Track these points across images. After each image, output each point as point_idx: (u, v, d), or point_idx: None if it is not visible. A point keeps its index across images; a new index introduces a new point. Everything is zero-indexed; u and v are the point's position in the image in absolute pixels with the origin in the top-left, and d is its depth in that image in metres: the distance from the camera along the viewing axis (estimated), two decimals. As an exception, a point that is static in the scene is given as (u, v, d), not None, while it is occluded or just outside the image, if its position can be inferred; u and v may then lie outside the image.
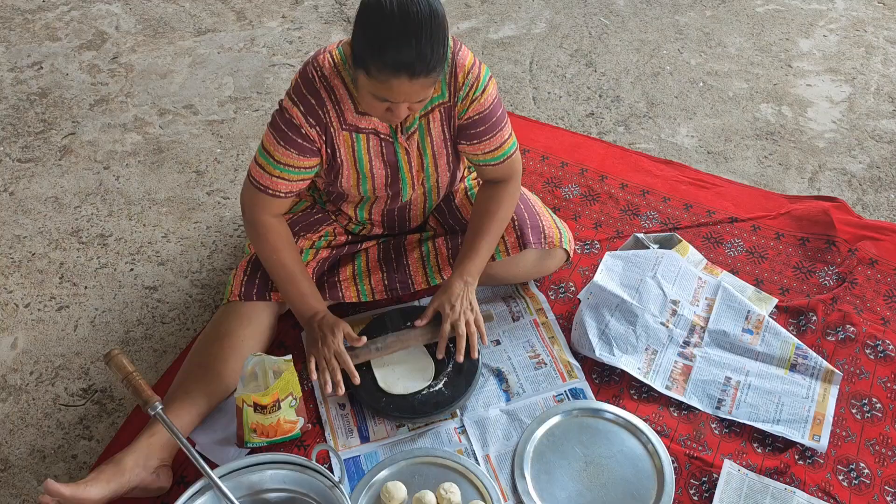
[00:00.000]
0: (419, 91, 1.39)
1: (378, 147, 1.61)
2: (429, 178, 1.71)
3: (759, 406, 1.64)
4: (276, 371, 1.55)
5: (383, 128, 1.59)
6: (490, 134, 1.63)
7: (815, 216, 2.05)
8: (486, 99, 1.59)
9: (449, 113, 1.61)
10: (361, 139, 1.59)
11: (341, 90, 1.52)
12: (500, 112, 1.64)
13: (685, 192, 2.17)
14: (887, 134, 2.41)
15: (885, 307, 1.86)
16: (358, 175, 1.65)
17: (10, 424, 1.72)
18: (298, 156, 1.57)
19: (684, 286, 1.83)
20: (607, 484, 1.54)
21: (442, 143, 1.65)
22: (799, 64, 2.72)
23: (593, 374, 1.73)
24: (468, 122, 1.61)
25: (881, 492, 1.52)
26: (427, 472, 1.56)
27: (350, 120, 1.56)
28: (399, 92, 1.38)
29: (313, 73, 1.52)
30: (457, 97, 1.57)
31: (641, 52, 2.79)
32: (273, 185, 1.60)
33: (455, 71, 1.55)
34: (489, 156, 1.66)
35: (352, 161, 1.62)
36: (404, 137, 1.61)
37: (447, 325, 1.62)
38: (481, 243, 1.67)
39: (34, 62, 2.80)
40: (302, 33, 2.93)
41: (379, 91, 1.39)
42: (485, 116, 1.60)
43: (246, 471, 1.46)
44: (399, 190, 1.70)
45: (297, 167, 1.59)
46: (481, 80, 1.58)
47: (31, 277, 2.04)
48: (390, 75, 1.34)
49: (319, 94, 1.52)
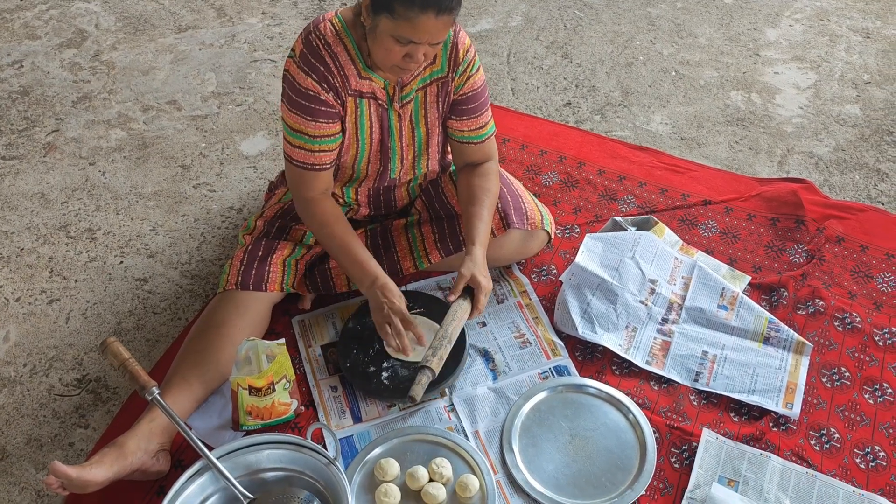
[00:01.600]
0: (441, 30, 1.46)
1: (377, 112, 1.68)
2: (419, 157, 1.77)
3: (734, 378, 1.72)
4: (269, 355, 1.59)
5: (381, 94, 1.65)
6: (478, 112, 1.74)
7: (784, 197, 2.13)
8: (479, 78, 1.71)
9: (445, 88, 1.69)
10: (364, 104, 1.66)
11: (344, 56, 1.58)
12: (487, 95, 1.76)
13: (660, 177, 2.24)
14: (851, 118, 2.50)
15: (852, 282, 1.94)
16: (357, 144, 1.71)
17: (5, 415, 1.75)
18: (328, 123, 1.62)
19: (662, 266, 1.90)
20: (592, 455, 1.61)
21: (435, 119, 1.73)
22: (767, 53, 2.81)
23: (576, 352, 1.79)
24: (461, 98, 1.71)
25: (851, 454, 1.60)
26: (419, 449, 1.61)
27: (354, 85, 1.62)
28: (424, 30, 1.44)
29: (317, 41, 1.57)
30: (454, 72, 1.67)
31: (615, 43, 2.87)
32: (318, 161, 1.65)
33: (456, 48, 1.65)
34: (474, 133, 1.76)
35: (353, 128, 1.68)
36: (399, 105, 1.68)
37: (483, 296, 1.66)
38: (484, 212, 1.72)
39: (14, 61, 2.81)
40: (282, 29, 2.96)
41: (403, 31, 1.44)
42: (476, 94, 1.71)
43: (243, 451, 1.49)
44: (388, 162, 1.76)
45: (331, 134, 1.64)
46: (476, 61, 1.69)
47: (20, 272, 2.06)
48: (419, 12, 1.41)
49: (325, 61, 1.57)
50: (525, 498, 1.54)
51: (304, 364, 1.78)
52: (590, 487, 1.55)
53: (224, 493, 1.47)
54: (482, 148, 1.79)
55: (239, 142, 2.46)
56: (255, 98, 2.63)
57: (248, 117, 2.55)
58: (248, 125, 2.52)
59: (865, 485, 1.54)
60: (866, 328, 1.82)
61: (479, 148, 1.78)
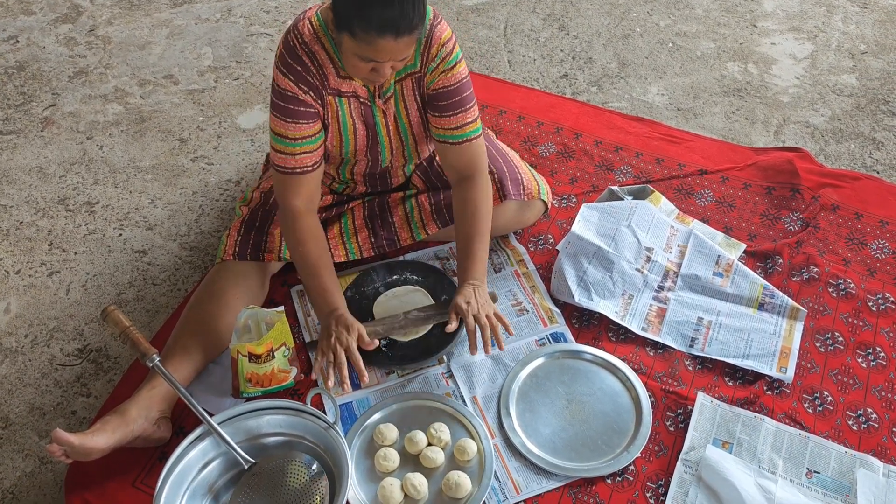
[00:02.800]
0: (403, 49, 1.43)
1: (359, 110, 1.66)
2: (407, 146, 1.76)
3: (729, 343, 1.74)
4: (268, 323, 1.60)
5: (362, 91, 1.63)
6: (453, 111, 1.65)
7: (780, 166, 2.14)
8: (453, 75, 1.62)
9: (420, 83, 1.65)
10: (344, 103, 1.63)
11: (322, 55, 1.56)
12: (467, 95, 1.66)
13: (656, 148, 2.25)
14: (847, 88, 2.51)
15: (846, 249, 1.96)
16: (341, 137, 1.69)
17: (8, 385, 1.77)
18: (307, 124, 1.59)
19: (657, 234, 1.91)
20: (588, 419, 1.63)
21: (416, 110, 1.70)
22: (763, 23, 2.80)
23: (573, 319, 1.81)
24: (434, 94, 1.64)
25: (843, 416, 1.62)
26: (417, 414, 1.63)
27: (333, 84, 1.60)
28: (384, 51, 1.41)
29: (294, 40, 1.55)
30: (427, 67, 1.61)
31: (612, 14, 2.86)
32: (300, 163, 1.61)
33: (430, 42, 1.58)
34: (450, 132, 1.67)
35: (336, 125, 1.66)
36: (381, 101, 1.65)
37: (470, 319, 1.61)
38: (475, 246, 1.68)
39: (10, 36, 2.80)
40: (278, 3, 2.95)
41: (364, 52, 1.42)
42: (450, 91, 1.64)
43: (243, 417, 1.51)
44: (378, 154, 1.75)
45: (312, 135, 1.61)
46: (453, 56, 1.61)
47: (20, 245, 2.07)
48: (376, 35, 1.37)
49: (303, 61, 1.55)
50: (522, 461, 1.56)
51: (303, 333, 1.79)
52: (586, 450, 1.57)
53: (225, 458, 1.49)
54: (462, 151, 1.69)
55: (236, 115, 2.46)
56: (252, 72, 2.62)
57: (244, 91, 2.55)
58: (245, 99, 2.52)
59: (857, 446, 1.57)
60: (860, 294, 1.83)
61: (458, 150, 1.69)
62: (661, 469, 1.54)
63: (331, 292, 1.63)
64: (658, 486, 1.52)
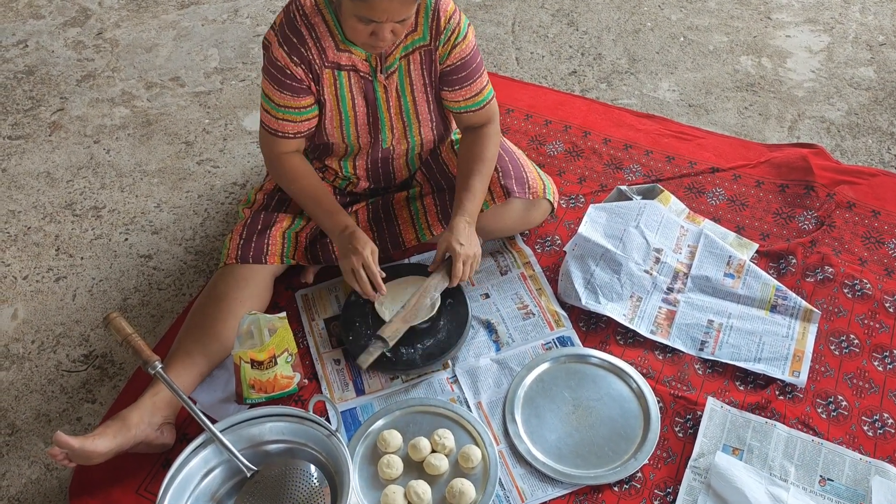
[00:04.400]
0: (400, 8, 1.43)
1: (359, 85, 1.65)
2: (410, 127, 1.74)
3: (740, 346, 1.70)
4: (271, 329, 1.59)
5: (363, 66, 1.62)
6: (471, 80, 1.69)
7: (793, 163, 2.09)
8: (466, 45, 1.65)
9: (430, 57, 1.65)
10: (343, 77, 1.63)
11: (322, 27, 1.56)
12: (479, 59, 1.71)
13: (667, 145, 2.20)
14: (865, 81, 2.44)
15: (863, 248, 1.91)
16: (341, 116, 1.69)
17: (14, 391, 1.77)
18: (293, 97, 1.63)
19: (667, 235, 1.88)
20: (595, 424, 1.60)
21: (422, 87, 1.69)
22: (778, 16, 2.74)
23: (580, 322, 1.78)
24: (450, 68, 1.67)
25: (859, 422, 1.58)
26: (421, 421, 1.61)
27: (332, 57, 1.60)
28: (381, 10, 1.41)
29: (294, 11, 1.56)
30: (438, 41, 1.62)
31: (622, 9, 2.81)
32: (281, 128, 1.67)
33: (437, 15, 1.59)
34: (471, 101, 1.72)
35: (334, 101, 1.66)
36: (384, 76, 1.65)
37: (460, 263, 1.67)
38: (474, 183, 1.71)
39: (19, 41, 2.81)
40: (284, 2, 2.93)
41: (361, 11, 1.42)
42: (466, 62, 1.67)
43: (246, 424, 1.50)
44: (378, 133, 1.74)
45: (296, 107, 1.64)
46: (462, 27, 1.63)
47: (27, 250, 2.08)
48: None
49: (300, 32, 1.55)
50: (527, 467, 1.54)
51: (307, 338, 1.78)
52: (593, 456, 1.54)
53: (228, 466, 1.49)
54: (480, 114, 1.76)
55: (242, 117, 2.45)
56: (258, 73, 2.61)
57: (250, 92, 2.54)
58: (251, 100, 2.51)
59: (873, 452, 1.53)
60: (876, 295, 1.78)
61: (476, 115, 1.76)
62: (669, 476, 1.51)
63: (336, 213, 1.71)
64: (666, 493, 1.49)
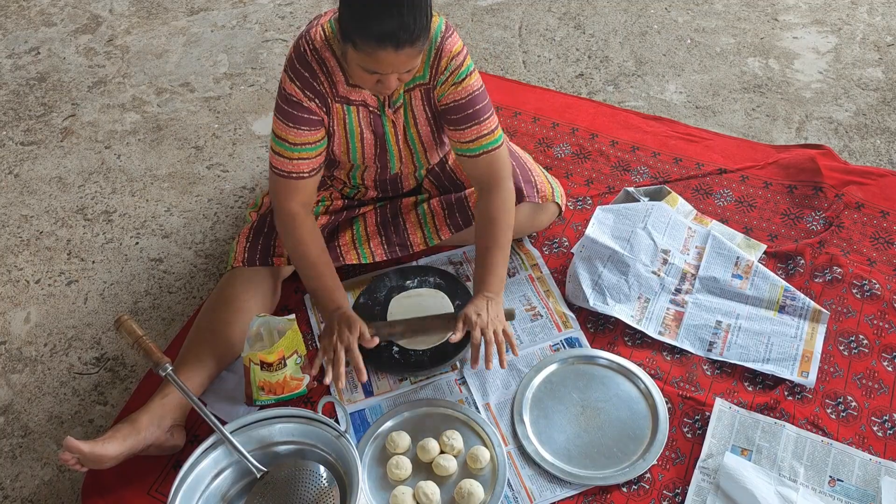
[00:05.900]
0: (406, 61, 1.41)
1: (368, 119, 1.64)
2: (416, 154, 1.74)
3: (749, 347, 1.70)
4: (280, 331, 1.60)
5: (372, 101, 1.62)
6: (466, 124, 1.63)
7: (801, 164, 2.09)
8: (464, 88, 1.60)
9: (428, 94, 1.63)
10: (353, 111, 1.62)
11: (332, 63, 1.55)
12: (481, 107, 1.63)
13: (674, 147, 2.21)
14: (873, 82, 2.44)
15: (872, 248, 1.90)
16: (348, 144, 1.68)
17: (27, 394, 1.79)
18: (310, 131, 1.59)
19: (674, 236, 1.88)
20: (603, 425, 1.60)
21: (425, 120, 1.68)
22: (785, 17, 2.74)
23: (588, 324, 1.78)
24: (446, 108, 1.63)
25: (868, 422, 1.57)
26: (430, 422, 1.62)
27: (342, 92, 1.58)
28: (386, 63, 1.40)
29: (305, 46, 1.55)
30: (436, 80, 1.59)
31: (629, 12, 2.82)
32: (296, 169, 1.61)
33: (440, 54, 1.56)
34: (466, 146, 1.65)
35: (343, 132, 1.65)
36: (391, 111, 1.64)
37: (477, 331, 1.57)
38: (493, 257, 1.64)
39: (31, 48, 2.84)
40: (293, 8, 2.96)
41: (367, 63, 1.41)
42: (461, 105, 1.61)
43: (255, 425, 1.51)
44: (387, 162, 1.74)
45: (312, 142, 1.60)
46: (463, 69, 1.58)
47: (39, 255, 2.10)
48: (376, 47, 1.36)
49: (312, 67, 1.54)
50: (536, 469, 1.54)
51: (316, 341, 1.79)
52: (601, 457, 1.55)
53: (238, 467, 1.50)
54: (479, 163, 1.66)
55: (251, 122, 2.47)
56: (267, 78, 2.63)
57: (259, 97, 2.56)
58: (260, 105, 2.53)
59: (883, 452, 1.52)
60: (886, 295, 1.78)
61: (475, 163, 1.66)
62: (677, 477, 1.51)
63: (333, 290, 1.64)
64: (675, 494, 1.49)
